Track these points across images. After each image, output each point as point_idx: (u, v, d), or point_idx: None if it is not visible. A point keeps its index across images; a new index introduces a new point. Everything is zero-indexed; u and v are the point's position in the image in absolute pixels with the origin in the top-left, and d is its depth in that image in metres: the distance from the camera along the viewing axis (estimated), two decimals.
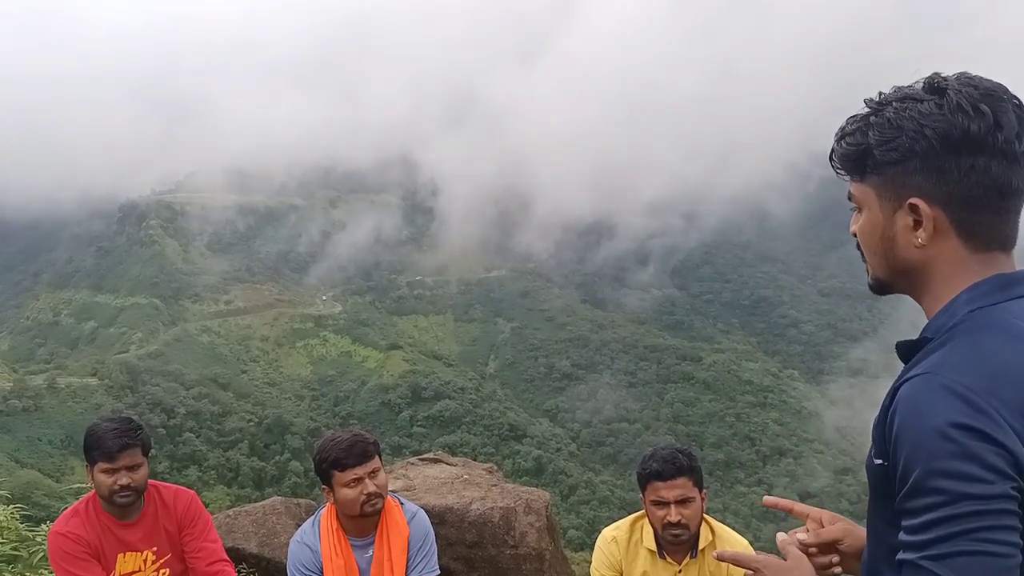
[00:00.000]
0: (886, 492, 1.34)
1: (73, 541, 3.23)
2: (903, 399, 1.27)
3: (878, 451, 1.36)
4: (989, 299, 1.32)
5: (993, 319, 1.30)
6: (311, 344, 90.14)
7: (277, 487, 56.22)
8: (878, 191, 1.39)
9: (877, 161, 1.37)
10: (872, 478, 1.40)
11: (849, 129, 1.42)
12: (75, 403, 64.55)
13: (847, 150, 1.42)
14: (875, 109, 1.39)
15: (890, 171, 1.36)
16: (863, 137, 1.39)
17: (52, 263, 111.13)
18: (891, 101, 1.37)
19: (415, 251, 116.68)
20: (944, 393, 1.21)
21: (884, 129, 1.36)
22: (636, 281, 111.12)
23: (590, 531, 46.03)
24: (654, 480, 3.15)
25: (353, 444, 3.16)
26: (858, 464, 65.82)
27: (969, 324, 1.31)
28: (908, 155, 1.33)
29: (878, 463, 1.36)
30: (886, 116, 1.36)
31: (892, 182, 1.36)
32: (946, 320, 1.34)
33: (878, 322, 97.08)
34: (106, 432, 3.23)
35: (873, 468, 1.38)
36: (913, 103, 1.34)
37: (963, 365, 1.24)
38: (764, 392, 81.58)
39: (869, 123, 1.38)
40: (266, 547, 4.51)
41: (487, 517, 4.48)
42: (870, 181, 1.40)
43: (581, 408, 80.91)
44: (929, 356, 1.31)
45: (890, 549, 1.35)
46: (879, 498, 1.39)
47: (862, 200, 1.43)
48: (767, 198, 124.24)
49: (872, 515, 1.44)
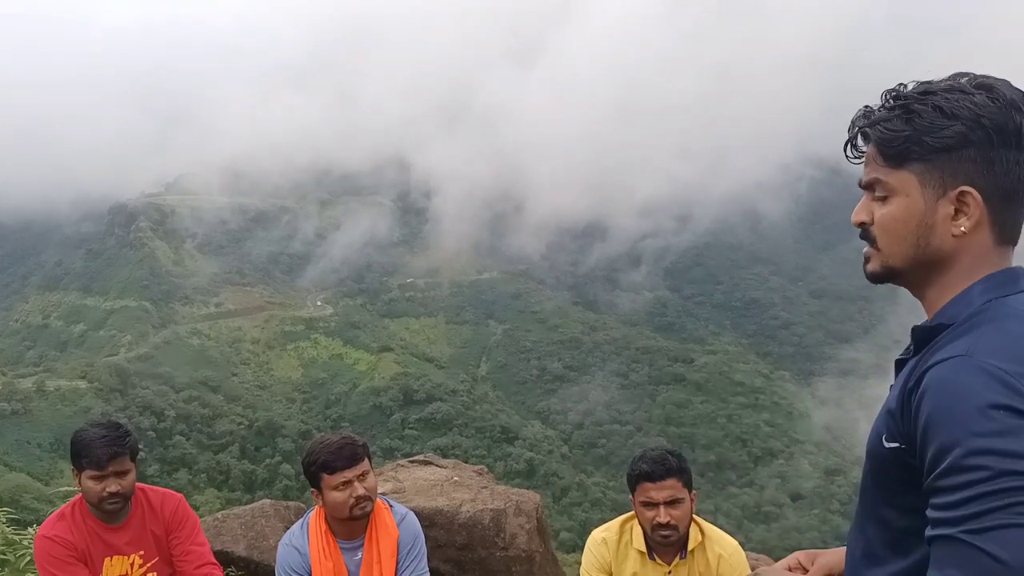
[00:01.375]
0: (900, 476, 1.36)
1: (59, 545, 3.21)
2: (936, 381, 1.28)
3: (893, 435, 1.37)
4: (1001, 291, 1.37)
5: (1012, 309, 1.34)
6: (302, 346, 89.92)
7: (268, 490, 56.04)
8: (921, 178, 1.38)
9: (928, 147, 1.36)
10: (881, 463, 1.41)
11: (884, 116, 1.41)
12: (64, 406, 64.18)
13: (888, 135, 1.40)
14: (915, 98, 1.38)
15: (941, 159, 1.36)
16: (904, 124, 1.38)
17: (42, 265, 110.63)
18: (934, 91, 1.37)
19: (407, 253, 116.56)
20: (982, 375, 1.23)
21: (936, 117, 1.35)
22: (628, 283, 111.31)
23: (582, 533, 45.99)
24: (644, 481, 3.15)
25: (342, 447, 3.15)
26: (848, 465, 66.05)
27: (993, 312, 1.34)
28: (964, 143, 1.34)
29: (892, 447, 1.36)
30: (935, 104, 1.36)
31: (940, 169, 1.36)
32: (962, 308, 1.37)
33: (869, 324, 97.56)
34: (95, 439, 3.20)
35: (883, 452, 1.39)
36: (964, 95, 1.35)
37: (996, 349, 1.27)
38: (755, 393, 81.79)
39: (912, 110, 1.38)
40: (255, 550, 4.49)
41: (477, 519, 4.47)
42: (912, 168, 1.39)
43: (573, 410, 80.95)
44: (955, 341, 1.32)
45: (894, 532, 1.38)
46: (888, 482, 1.40)
47: (898, 187, 1.41)
48: (759, 200, 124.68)
49: (874, 501, 1.45)
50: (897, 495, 1.38)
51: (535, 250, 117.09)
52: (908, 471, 1.33)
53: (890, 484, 1.40)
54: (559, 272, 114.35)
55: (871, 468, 1.45)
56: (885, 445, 1.39)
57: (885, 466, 1.40)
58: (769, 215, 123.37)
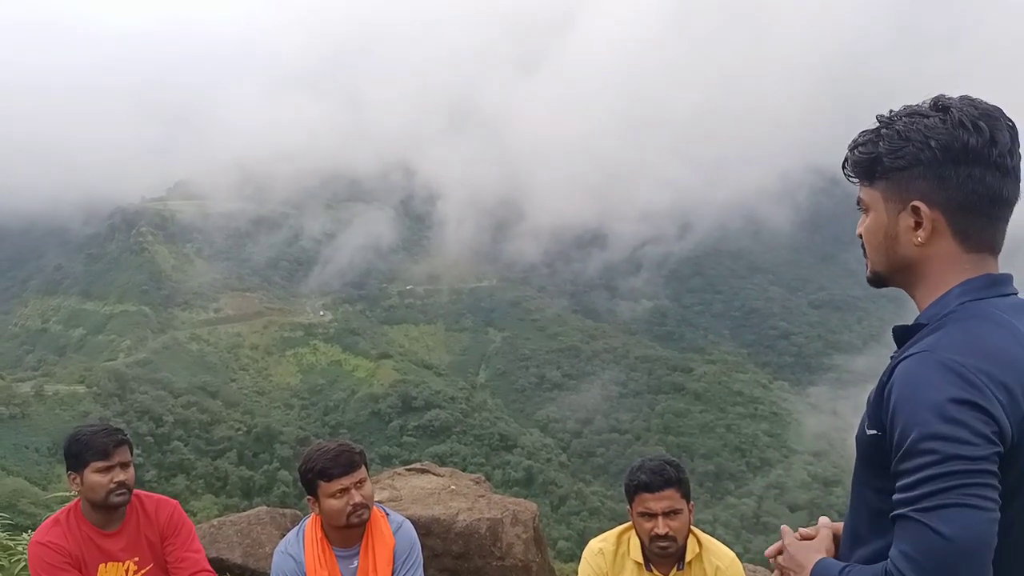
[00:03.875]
0: (877, 461, 1.53)
1: (54, 551, 3.19)
2: (901, 373, 1.47)
3: (872, 423, 1.55)
4: (978, 294, 1.53)
5: (981, 310, 1.51)
6: (301, 353, 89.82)
7: (266, 496, 55.86)
8: (884, 194, 1.59)
9: (886, 167, 1.57)
10: (863, 448, 1.60)
11: (862, 140, 1.63)
12: (63, 411, 64.04)
13: (860, 157, 1.63)
14: (886, 123, 1.59)
15: (896, 176, 1.56)
16: (874, 147, 1.59)
17: (41, 269, 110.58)
18: (900, 116, 1.58)
19: (407, 259, 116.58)
20: (940, 368, 1.41)
21: (893, 140, 1.56)
22: (627, 291, 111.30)
23: (580, 542, 45.85)
24: (642, 492, 3.13)
25: (339, 454, 3.14)
26: (846, 475, 65.83)
27: (961, 313, 1.51)
28: (914, 163, 1.53)
29: (871, 433, 1.54)
30: (896, 128, 1.56)
31: (897, 186, 1.57)
32: (939, 309, 1.54)
33: (868, 334, 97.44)
34: (95, 433, 3.25)
35: (865, 439, 1.58)
36: (920, 118, 1.54)
37: (956, 345, 1.44)
38: (754, 403, 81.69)
39: (880, 135, 1.58)
40: (250, 557, 4.47)
41: (474, 528, 4.45)
42: (878, 186, 1.60)
43: (572, 418, 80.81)
44: (924, 338, 1.51)
45: (874, 512, 1.56)
46: (869, 467, 1.58)
47: (870, 202, 1.63)
48: (760, 209, 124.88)
49: (859, 484, 1.64)
50: (877, 479, 1.54)
51: (535, 257, 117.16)
52: (885, 456, 1.49)
53: (872, 469, 1.57)
54: (559, 280, 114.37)
55: (858, 454, 1.64)
56: (866, 432, 1.57)
57: (867, 452, 1.58)
58: (769, 224, 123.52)
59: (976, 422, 1.36)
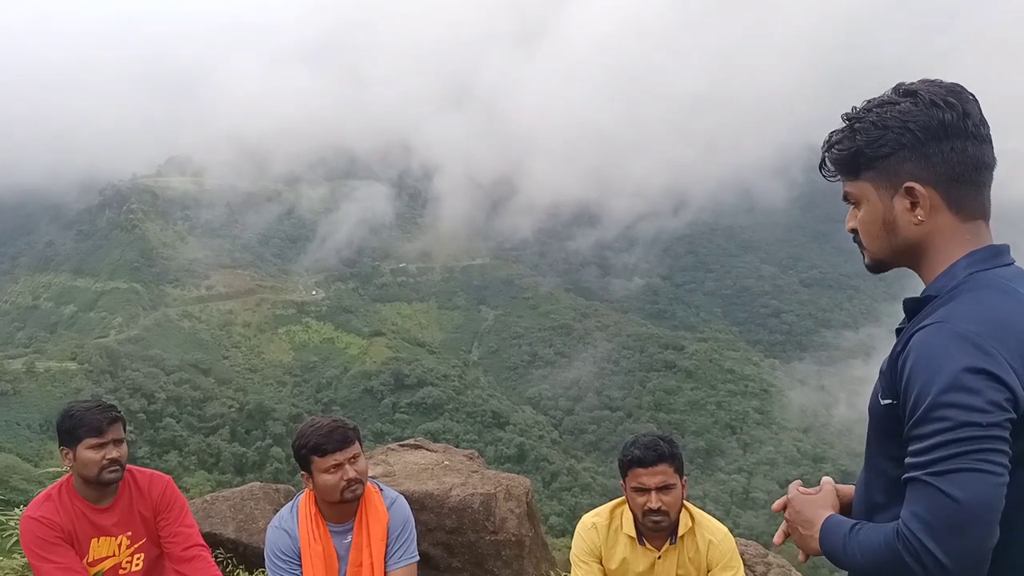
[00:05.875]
0: (892, 430, 1.58)
1: (46, 526, 3.18)
2: (917, 344, 1.52)
3: (886, 393, 1.60)
4: (984, 264, 1.60)
5: (989, 280, 1.57)
6: (293, 330, 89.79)
7: (259, 473, 56.06)
8: (874, 184, 1.65)
9: (869, 158, 1.63)
10: (878, 419, 1.65)
11: (836, 139, 1.69)
12: (54, 387, 64.00)
13: (839, 155, 1.68)
14: (856, 118, 1.65)
15: (882, 164, 1.62)
16: (851, 142, 1.65)
17: (32, 245, 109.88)
18: (870, 108, 1.64)
19: (400, 238, 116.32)
20: (955, 338, 1.47)
21: (871, 131, 1.62)
22: (620, 269, 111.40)
23: (572, 517, 46.23)
24: (635, 467, 3.14)
25: (333, 430, 3.13)
26: (837, 452, 66.50)
27: (971, 283, 1.57)
28: (897, 148, 1.60)
29: (886, 403, 1.60)
30: (870, 120, 1.62)
31: (886, 173, 1.63)
32: (948, 281, 1.60)
33: (859, 312, 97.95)
34: (88, 409, 3.24)
35: (880, 409, 1.63)
36: (891, 106, 1.61)
37: (970, 315, 1.50)
38: (745, 381, 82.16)
39: (854, 129, 1.64)
40: (243, 532, 4.47)
41: (467, 503, 4.46)
42: (865, 177, 1.66)
43: (564, 396, 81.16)
44: (937, 310, 1.56)
45: (890, 480, 1.61)
46: (884, 436, 1.64)
47: (860, 196, 1.69)
48: (754, 185, 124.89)
49: (874, 453, 1.70)
50: (892, 447, 1.60)
51: (528, 235, 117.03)
52: (899, 424, 1.55)
53: (886, 437, 1.63)
54: (551, 258, 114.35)
55: (871, 424, 1.69)
56: (880, 402, 1.62)
57: (881, 421, 1.64)
58: (763, 202, 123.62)
59: (989, 390, 1.41)
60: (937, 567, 1.41)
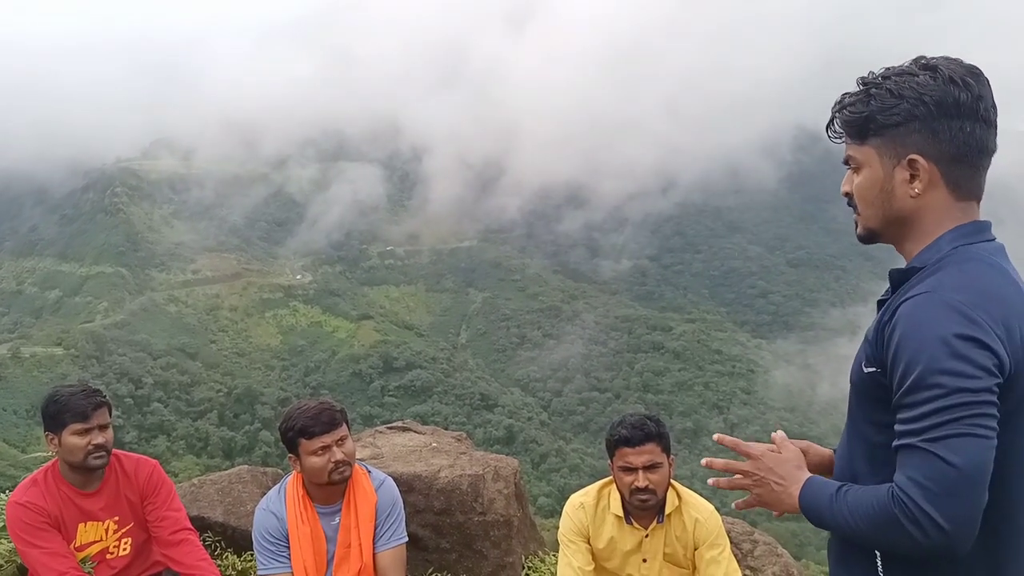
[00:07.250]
0: (876, 396, 1.63)
1: (32, 511, 3.17)
2: (905, 314, 1.56)
3: (870, 361, 1.64)
4: (968, 239, 1.64)
5: (974, 253, 1.62)
6: (280, 314, 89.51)
7: (247, 457, 56.05)
8: (879, 150, 1.67)
9: (880, 124, 1.65)
10: (860, 386, 1.69)
11: (849, 101, 1.70)
12: (40, 373, 63.63)
13: (851, 117, 1.70)
14: (874, 83, 1.67)
15: (891, 133, 1.64)
16: (864, 106, 1.67)
17: (15, 230, 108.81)
18: (888, 76, 1.66)
19: (387, 220, 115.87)
20: (943, 307, 1.51)
21: (886, 98, 1.64)
22: (608, 251, 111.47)
23: (560, 498, 46.48)
24: (623, 446, 3.16)
25: (320, 412, 3.13)
26: (824, 432, 67.06)
27: (956, 256, 1.61)
28: (909, 118, 1.62)
29: (869, 371, 1.64)
30: (887, 88, 1.64)
31: (893, 142, 1.65)
32: (932, 254, 1.64)
33: (845, 292, 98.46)
34: (74, 394, 3.21)
35: (863, 376, 1.67)
36: (910, 76, 1.63)
37: (956, 285, 1.54)
38: (732, 361, 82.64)
39: (870, 94, 1.66)
40: (232, 515, 4.47)
41: (455, 484, 4.48)
42: (871, 142, 1.68)
43: (552, 377, 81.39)
44: (923, 280, 1.60)
45: (871, 446, 1.68)
46: (867, 402, 1.68)
47: (862, 161, 1.71)
48: (743, 165, 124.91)
49: (856, 419, 1.74)
50: (875, 413, 1.65)
51: (517, 216, 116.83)
52: (883, 391, 1.60)
53: (869, 404, 1.68)
54: (540, 240, 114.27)
55: (853, 392, 1.73)
56: (864, 370, 1.66)
57: (864, 389, 1.68)
58: (751, 182, 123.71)
59: (978, 356, 1.46)
60: (936, 530, 1.45)
